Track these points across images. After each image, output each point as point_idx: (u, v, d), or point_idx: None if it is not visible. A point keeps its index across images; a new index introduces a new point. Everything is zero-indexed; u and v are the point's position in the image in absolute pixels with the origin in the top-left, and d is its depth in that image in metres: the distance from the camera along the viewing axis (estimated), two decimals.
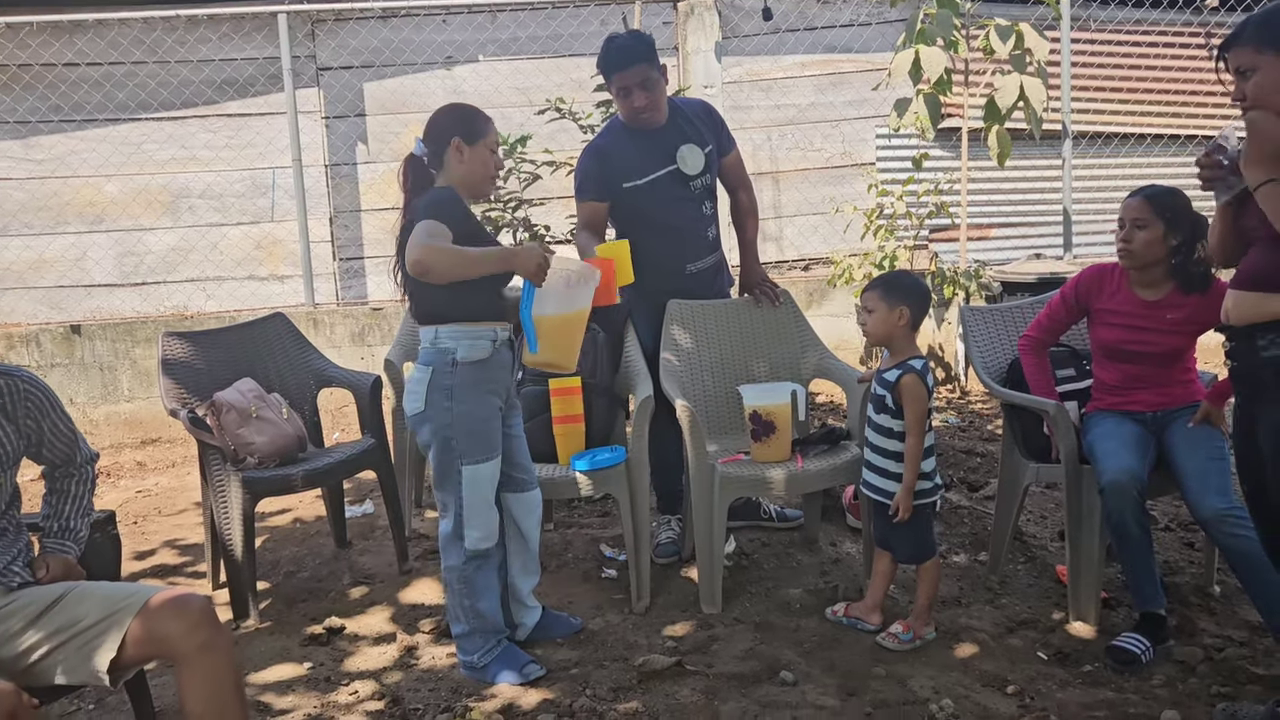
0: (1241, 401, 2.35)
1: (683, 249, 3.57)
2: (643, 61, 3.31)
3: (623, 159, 3.46)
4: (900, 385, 2.86)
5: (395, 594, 3.43)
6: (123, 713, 2.65)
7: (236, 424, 3.35)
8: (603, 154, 3.50)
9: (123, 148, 6.10)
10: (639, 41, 3.34)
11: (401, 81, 6.35)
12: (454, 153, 2.73)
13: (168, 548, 4.02)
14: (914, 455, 2.85)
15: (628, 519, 3.21)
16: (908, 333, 2.93)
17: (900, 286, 2.95)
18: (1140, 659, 2.73)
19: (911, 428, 2.85)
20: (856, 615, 3.04)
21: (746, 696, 2.67)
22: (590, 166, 3.50)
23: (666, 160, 3.44)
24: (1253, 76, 2.13)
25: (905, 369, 2.87)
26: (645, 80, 3.32)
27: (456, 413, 2.70)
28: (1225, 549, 2.69)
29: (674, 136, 3.45)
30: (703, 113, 3.59)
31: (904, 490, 2.86)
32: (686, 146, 3.45)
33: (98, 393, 5.75)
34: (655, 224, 3.49)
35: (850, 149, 6.69)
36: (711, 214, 3.59)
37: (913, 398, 2.84)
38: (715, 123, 3.59)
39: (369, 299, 6.34)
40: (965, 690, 2.67)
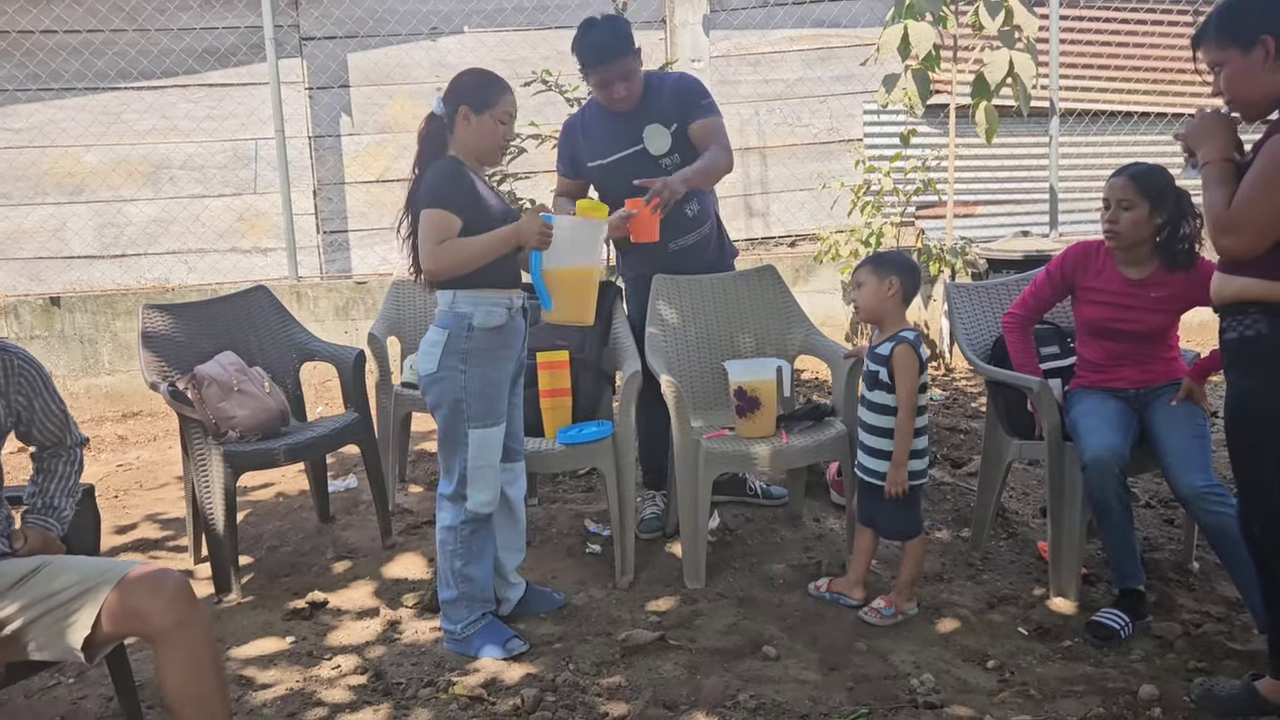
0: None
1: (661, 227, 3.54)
2: (622, 54, 3.26)
3: (591, 138, 3.45)
4: (893, 356, 2.85)
5: (378, 569, 3.43)
6: (103, 686, 2.64)
7: (218, 397, 3.32)
8: (572, 133, 3.53)
9: (102, 117, 6.01)
10: (616, 34, 3.26)
11: (386, 52, 6.28)
12: (461, 120, 2.74)
13: (149, 522, 4.00)
14: (905, 429, 2.85)
15: (613, 493, 3.21)
16: (898, 305, 2.92)
17: (889, 260, 2.97)
18: (1119, 634, 2.75)
19: (902, 400, 2.85)
20: (839, 590, 3.05)
21: (729, 671, 2.68)
22: (562, 144, 3.54)
23: (633, 140, 3.39)
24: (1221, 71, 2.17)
25: (897, 340, 2.87)
26: (625, 72, 3.28)
27: (470, 376, 2.72)
28: (1205, 526, 2.70)
29: (642, 116, 3.38)
30: (674, 88, 3.46)
31: (895, 466, 2.86)
32: (652, 127, 3.38)
33: (78, 366, 5.70)
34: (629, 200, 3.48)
35: (838, 125, 6.66)
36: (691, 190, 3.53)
37: (905, 368, 2.84)
38: (687, 96, 3.44)
39: (353, 272, 6.29)
40: (946, 665, 2.68)
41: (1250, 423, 2.24)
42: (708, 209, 3.61)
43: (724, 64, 6.51)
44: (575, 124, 3.54)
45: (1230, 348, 2.27)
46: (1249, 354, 2.21)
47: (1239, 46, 2.11)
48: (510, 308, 2.78)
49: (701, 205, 3.56)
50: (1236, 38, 2.11)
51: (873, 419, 2.94)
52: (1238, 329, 2.23)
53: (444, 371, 2.72)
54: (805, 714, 2.45)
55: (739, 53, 6.56)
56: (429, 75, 6.30)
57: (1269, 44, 2.07)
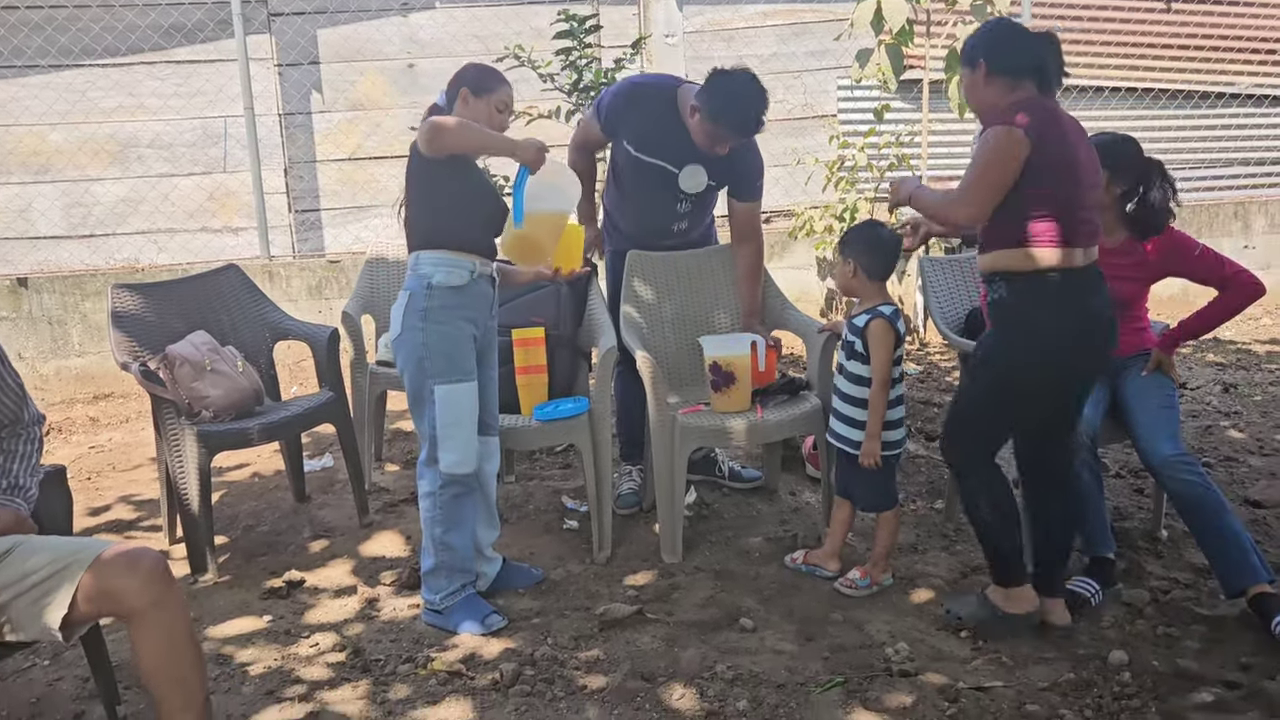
0: None
1: (646, 227, 3.57)
2: (750, 135, 3.25)
3: (643, 124, 3.35)
4: (868, 329, 2.87)
5: (355, 547, 3.42)
6: (79, 667, 2.63)
7: (190, 377, 3.29)
8: (633, 102, 3.36)
9: (67, 95, 5.90)
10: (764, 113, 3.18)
11: (356, 28, 6.20)
12: (461, 102, 2.84)
13: (123, 503, 3.97)
14: (878, 401, 2.87)
15: (590, 469, 3.22)
16: (866, 282, 2.94)
17: (848, 240, 2.99)
18: (1090, 601, 2.80)
19: (876, 372, 2.87)
20: (815, 562, 3.08)
21: (706, 643, 2.70)
22: (617, 101, 3.37)
23: (673, 159, 3.34)
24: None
25: (874, 314, 2.88)
26: (735, 145, 3.26)
27: (429, 334, 2.75)
28: (1174, 494, 2.75)
29: (695, 152, 3.30)
30: (746, 158, 3.40)
31: (869, 438, 2.89)
32: (695, 167, 3.35)
33: (47, 347, 5.63)
34: (635, 195, 3.49)
35: (812, 100, 6.66)
36: (686, 213, 3.50)
37: (878, 342, 2.85)
38: (746, 170, 3.42)
39: (326, 251, 6.23)
40: (920, 634, 2.72)
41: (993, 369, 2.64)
42: (696, 226, 3.60)
43: (698, 39, 6.49)
44: (640, 98, 3.36)
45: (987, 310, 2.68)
46: (996, 316, 2.63)
47: (969, 66, 2.63)
48: (474, 271, 2.81)
49: (691, 224, 3.55)
50: (968, 60, 2.63)
51: (848, 388, 2.96)
52: (991, 295, 2.62)
53: (406, 332, 2.79)
54: (782, 684, 2.48)
55: (713, 28, 6.53)
56: (400, 51, 6.23)
57: (982, 65, 2.59)
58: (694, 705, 2.40)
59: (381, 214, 6.24)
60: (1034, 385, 2.59)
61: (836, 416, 3.00)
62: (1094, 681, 2.45)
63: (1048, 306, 2.52)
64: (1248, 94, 6.98)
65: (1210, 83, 6.91)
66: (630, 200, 3.54)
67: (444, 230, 2.80)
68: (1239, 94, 6.97)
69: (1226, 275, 2.95)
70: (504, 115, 2.87)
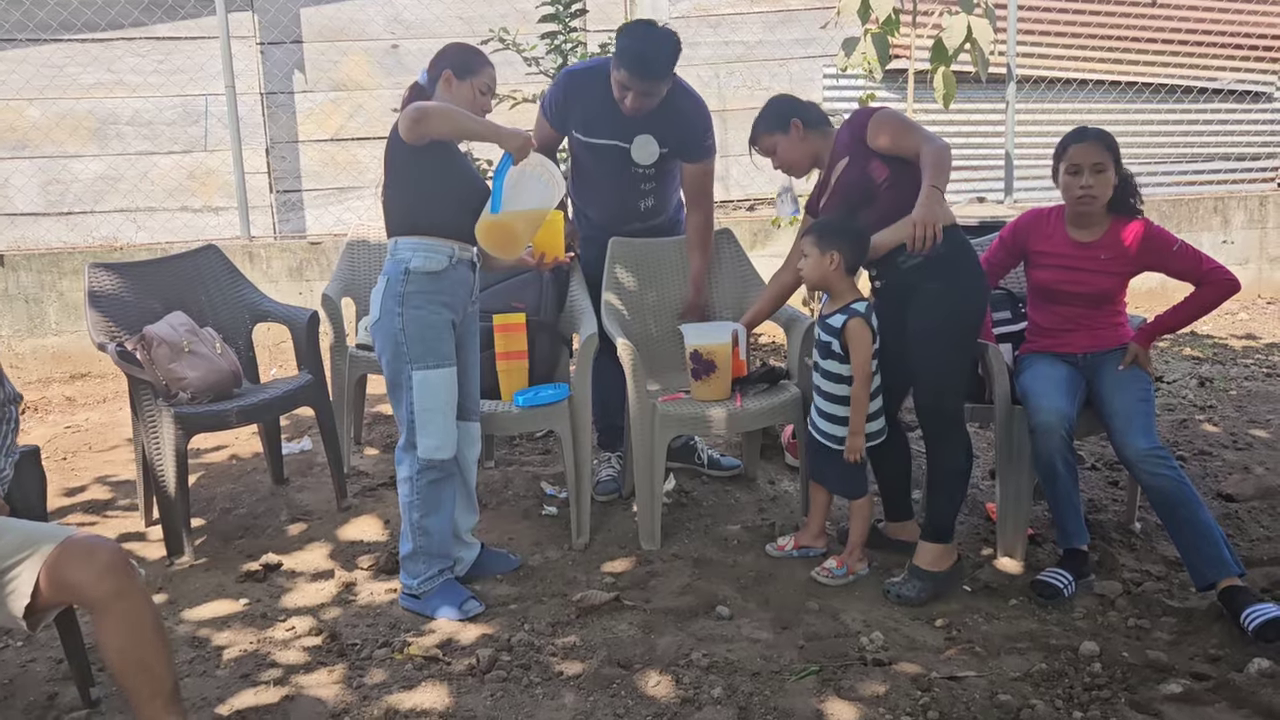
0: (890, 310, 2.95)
1: (615, 212, 3.55)
2: (660, 79, 3.20)
3: (587, 109, 3.35)
4: (846, 330, 2.87)
5: (333, 531, 3.42)
6: (52, 649, 2.62)
7: (168, 358, 3.27)
8: (572, 91, 3.37)
9: (44, 70, 5.83)
10: (668, 61, 3.17)
11: (340, 8, 6.14)
12: (443, 84, 2.82)
13: (99, 484, 3.95)
14: (860, 399, 2.88)
15: (569, 455, 3.22)
16: (844, 277, 2.92)
17: (832, 231, 2.92)
18: (1063, 593, 2.82)
19: (857, 372, 2.87)
20: (805, 544, 3.12)
21: (683, 630, 2.71)
22: (557, 94, 3.40)
23: (622, 135, 3.34)
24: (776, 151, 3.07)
25: (849, 313, 2.88)
26: (650, 92, 3.21)
27: (406, 319, 2.74)
28: (1147, 488, 2.77)
29: (641, 121, 3.30)
30: (687, 114, 3.39)
31: (853, 434, 2.90)
32: (644, 137, 3.33)
33: (23, 326, 5.57)
34: (594, 180, 3.48)
35: (797, 88, 6.64)
36: (650, 190, 3.49)
37: (858, 342, 2.86)
38: (692, 130, 3.39)
39: (307, 233, 6.19)
40: (895, 623, 2.74)
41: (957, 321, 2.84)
42: (664, 205, 3.58)
43: (684, 25, 6.45)
44: (577, 85, 3.38)
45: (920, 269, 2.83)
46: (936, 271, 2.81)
47: (780, 131, 3.02)
48: (452, 256, 2.80)
49: (657, 201, 3.54)
50: (778, 126, 3.02)
51: (828, 386, 2.96)
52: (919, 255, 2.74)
53: (384, 316, 2.78)
54: (757, 671, 2.49)
55: (699, 14, 6.51)
56: (384, 32, 6.18)
57: (798, 124, 3.01)
58: (669, 692, 2.42)
59: (363, 196, 6.20)
60: (979, 320, 2.92)
61: (820, 414, 3.00)
62: (1065, 672, 2.47)
63: (970, 247, 2.91)
64: (1229, 89, 7.02)
65: (1192, 77, 6.94)
66: (594, 187, 3.53)
67: (422, 215, 2.78)
68: (1220, 89, 7.00)
69: (1203, 271, 2.98)
70: (487, 97, 2.86)
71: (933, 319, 2.84)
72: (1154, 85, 6.89)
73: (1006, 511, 3.08)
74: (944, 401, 2.87)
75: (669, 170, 3.50)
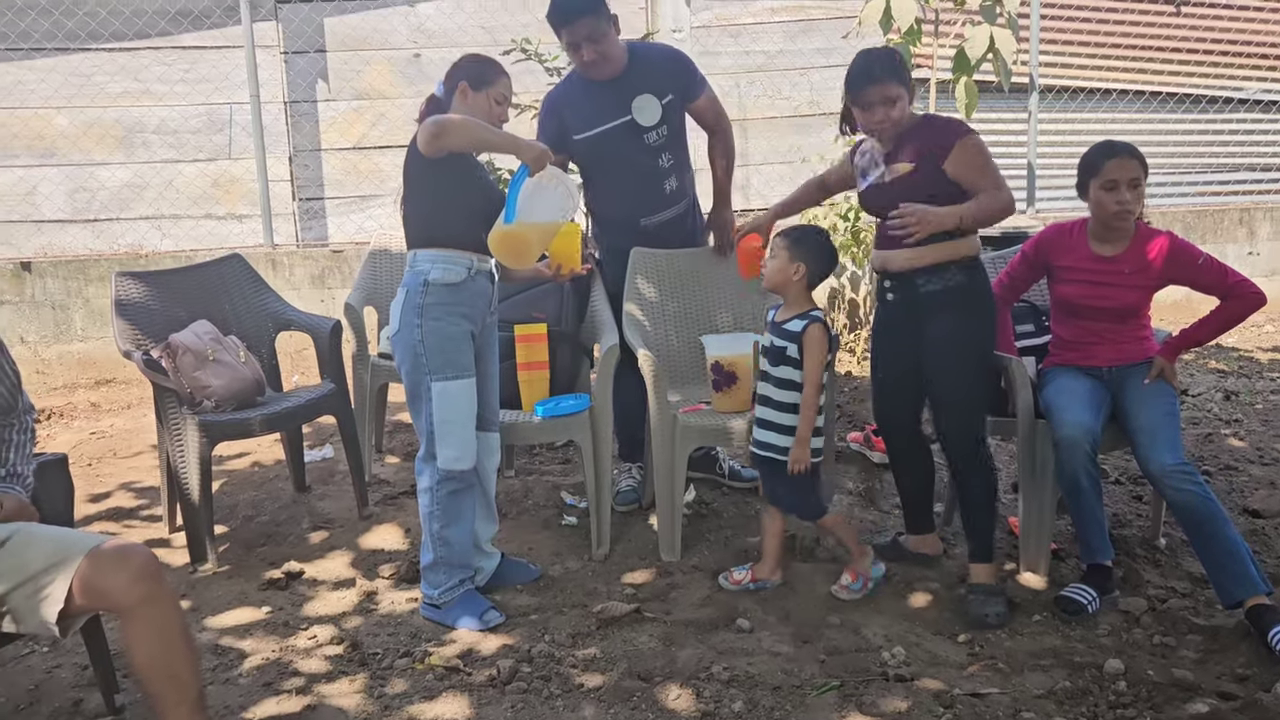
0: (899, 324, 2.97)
1: (636, 203, 3.53)
2: (588, 14, 3.22)
3: (575, 111, 3.40)
4: (805, 334, 2.84)
5: (355, 539, 3.43)
6: (77, 655, 2.64)
7: (192, 366, 3.30)
8: (555, 106, 3.46)
9: (73, 79, 5.89)
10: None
11: (363, 18, 6.18)
12: (460, 96, 2.83)
13: (123, 490, 3.98)
14: (810, 405, 2.83)
15: (590, 466, 3.22)
16: (803, 288, 2.91)
17: (806, 243, 2.92)
18: (1087, 609, 2.80)
19: (809, 377, 2.83)
20: (761, 578, 3.01)
21: (703, 643, 2.71)
22: (545, 120, 3.47)
23: (620, 111, 3.37)
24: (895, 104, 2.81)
25: (810, 319, 2.86)
26: (592, 33, 3.24)
27: (426, 330, 2.76)
28: (1173, 504, 2.75)
29: (631, 86, 3.37)
30: (666, 60, 3.51)
31: (798, 443, 2.84)
32: (643, 97, 3.37)
33: (50, 332, 5.63)
34: (609, 176, 3.47)
35: (818, 98, 6.63)
36: (671, 165, 3.51)
37: (815, 346, 2.83)
38: (681, 70, 3.50)
39: (329, 241, 6.23)
40: (916, 638, 2.73)
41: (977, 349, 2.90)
42: (685, 187, 3.60)
43: (705, 34, 6.47)
44: (559, 97, 3.49)
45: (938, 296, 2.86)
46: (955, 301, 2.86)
47: (906, 89, 2.83)
48: (471, 268, 2.81)
49: (680, 182, 3.55)
50: (905, 83, 2.83)
51: (779, 395, 2.90)
52: (941, 283, 2.84)
53: (403, 329, 2.79)
54: (778, 685, 2.49)
55: (720, 23, 6.51)
56: (407, 41, 6.21)
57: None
58: (690, 706, 2.41)
59: (385, 204, 6.23)
60: (991, 354, 2.98)
61: (761, 425, 2.94)
62: (1090, 690, 2.45)
63: (988, 283, 2.96)
64: (1255, 99, 6.96)
65: (1218, 87, 6.89)
66: (613, 184, 3.50)
67: (441, 227, 2.80)
68: (1246, 99, 6.95)
69: (1229, 285, 2.95)
70: (503, 107, 2.87)
71: (954, 351, 2.88)
72: (1178, 95, 6.84)
73: (1029, 526, 3.06)
74: (971, 430, 2.91)
75: (678, 133, 3.50)
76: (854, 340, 5.75)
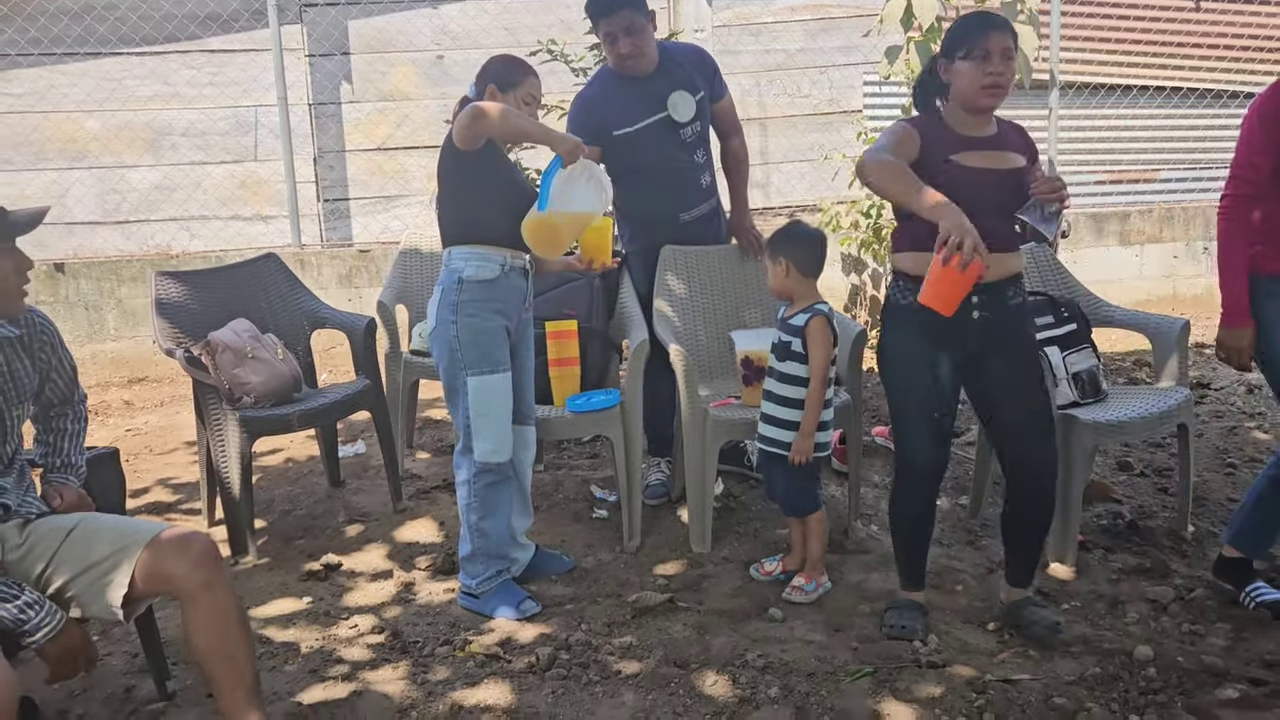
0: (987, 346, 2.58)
1: (675, 197, 3.59)
2: (628, 7, 3.29)
3: (612, 107, 3.45)
4: (807, 328, 2.86)
5: (390, 532, 3.49)
6: (128, 643, 2.71)
7: (232, 364, 3.36)
8: (591, 104, 3.50)
9: (104, 83, 6.00)
10: None
11: (388, 20, 6.27)
12: (488, 98, 2.87)
13: (161, 486, 4.06)
14: (815, 399, 2.86)
15: (621, 460, 3.27)
16: (800, 281, 2.92)
17: (777, 240, 2.96)
18: None
19: (815, 370, 2.85)
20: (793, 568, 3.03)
21: (737, 632, 2.76)
22: (579, 117, 3.51)
23: (657, 107, 3.43)
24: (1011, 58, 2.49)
25: (812, 313, 2.88)
26: (630, 26, 3.31)
27: (461, 325, 2.82)
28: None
29: (665, 83, 3.44)
30: (695, 58, 3.58)
31: (802, 436, 2.86)
32: (678, 94, 3.44)
33: (83, 332, 5.73)
34: (647, 172, 3.51)
35: (838, 96, 6.68)
36: (704, 161, 3.59)
37: (818, 339, 2.85)
38: (708, 68, 3.57)
39: (354, 241, 6.31)
40: (947, 627, 2.77)
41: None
42: (714, 184, 3.67)
43: (726, 33, 6.52)
44: (594, 94, 3.54)
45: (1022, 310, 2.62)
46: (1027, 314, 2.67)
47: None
48: (505, 265, 2.87)
49: (711, 179, 3.62)
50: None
51: (783, 390, 2.93)
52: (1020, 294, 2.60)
53: (440, 325, 2.86)
54: (812, 672, 2.53)
55: (740, 22, 6.56)
56: (430, 43, 6.29)
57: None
58: (726, 692, 2.46)
59: (410, 204, 6.31)
60: None
61: (766, 420, 2.97)
62: (1120, 676, 2.49)
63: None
64: None
65: (1239, 83, 6.89)
66: (651, 176, 3.51)
67: (475, 225, 2.86)
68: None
69: None
70: (532, 107, 2.92)
71: (1039, 370, 2.68)
72: (1199, 90, 6.84)
73: (1058, 518, 3.09)
74: (1055, 457, 2.68)
75: (707, 130, 3.59)
76: (875, 337, 5.78)
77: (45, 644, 1.97)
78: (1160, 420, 3.14)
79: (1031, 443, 2.62)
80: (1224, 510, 3.48)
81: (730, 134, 3.73)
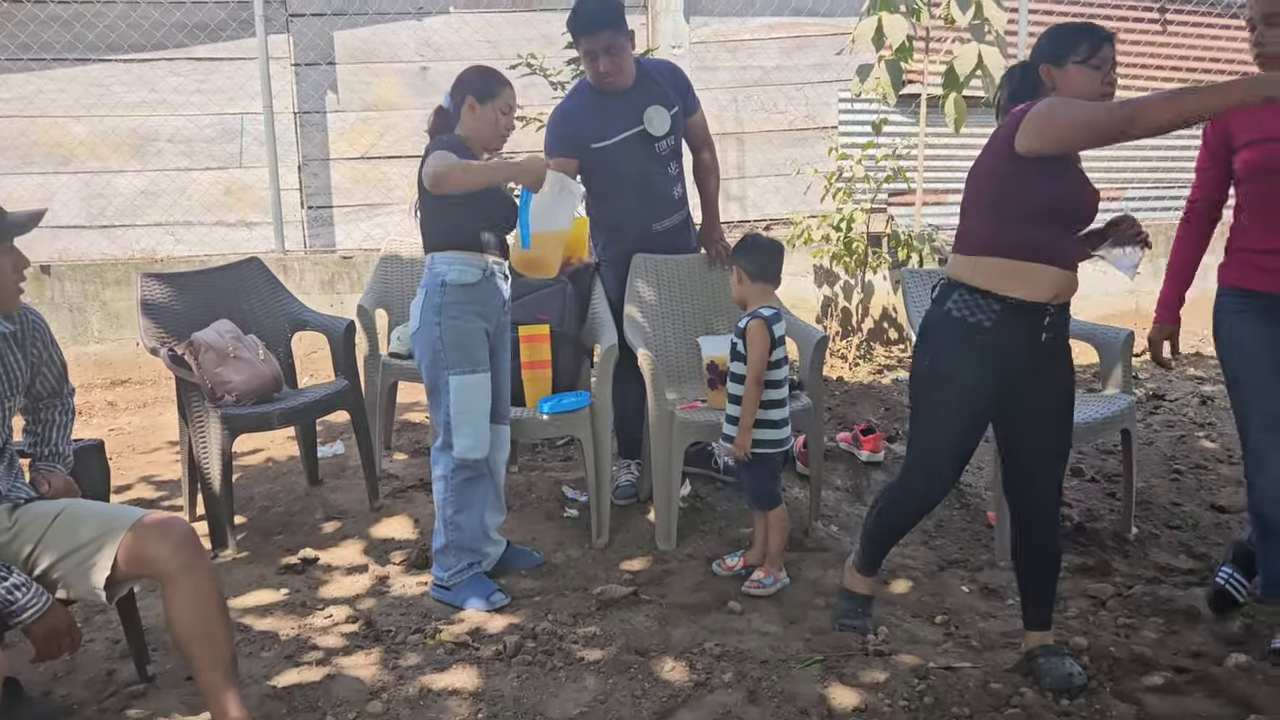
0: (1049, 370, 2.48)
1: (649, 208, 3.73)
2: (609, 28, 3.43)
3: (590, 120, 3.58)
4: (746, 330, 3.02)
5: (366, 529, 3.61)
6: (109, 629, 2.82)
7: (214, 363, 3.47)
8: (570, 117, 3.63)
9: (91, 89, 6.09)
10: (607, 7, 3.43)
11: (373, 31, 6.39)
12: (467, 109, 3.00)
13: (144, 483, 4.16)
14: (750, 396, 2.99)
15: (590, 460, 3.40)
16: (752, 287, 3.09)
17: (734, 250, 3.18)
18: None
19: (750, 370, 3.00)
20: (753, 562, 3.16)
21: (696, 623, 2.89)
22: (558, 129, 3.64)
23: (633, 121, 3.57)
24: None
25: (753, 315, 3.04)
26: (611, 46, 3.45)
27: (444, 327, 2.94)
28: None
29: (641, 98, 3.58)
30: (669, 74, 3.73)
31: (741, 430, 3.01)
32: (653, 108, 3.58)
33: (67, 333, 5.80)
34: (623, 183, 3.64)
35: (813, 112, 6.84)
36: (677, 174, 3.73)
37: (753, 342, 3.00)
38: (681, 84, 3.72)
39: (337, 247, 6.42)
40: (898, 620, 2.91)
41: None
42: (685, 195, 3.81)
43: (703, 50, 6.67)
44: (572, 107, 3.65)
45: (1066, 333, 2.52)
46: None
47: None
48: (485, 269, 2.99)
49: (683, 190, 3.76)
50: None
51: (736, 389, 3.08)
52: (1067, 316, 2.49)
53: (423, 326, 2.98)
54: (765, 660, 2.67)
55: (718, 39, 6.72)
56: (414, 55, 6.42)
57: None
58: (683, 677, 2.59)
59: (392, 212, 6.42)
60: None
61: (728, 420, 3.11)
62: None
63: None
64: None
65: None
66: (624, 193, 3.65)
67: (457, 232, 2.98)
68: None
69: None
70: (509, 116, 3.05)
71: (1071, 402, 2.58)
72: None
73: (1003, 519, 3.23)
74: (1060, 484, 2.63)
75: (680, 144, 3.73)
76: (845, 347, 5.94)
77: (32, 624, 2.07)
78: (1103, 425, 3.29)
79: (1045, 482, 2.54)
80: (1166, 514, 3.64)
81: (702, 147, 3.87)
